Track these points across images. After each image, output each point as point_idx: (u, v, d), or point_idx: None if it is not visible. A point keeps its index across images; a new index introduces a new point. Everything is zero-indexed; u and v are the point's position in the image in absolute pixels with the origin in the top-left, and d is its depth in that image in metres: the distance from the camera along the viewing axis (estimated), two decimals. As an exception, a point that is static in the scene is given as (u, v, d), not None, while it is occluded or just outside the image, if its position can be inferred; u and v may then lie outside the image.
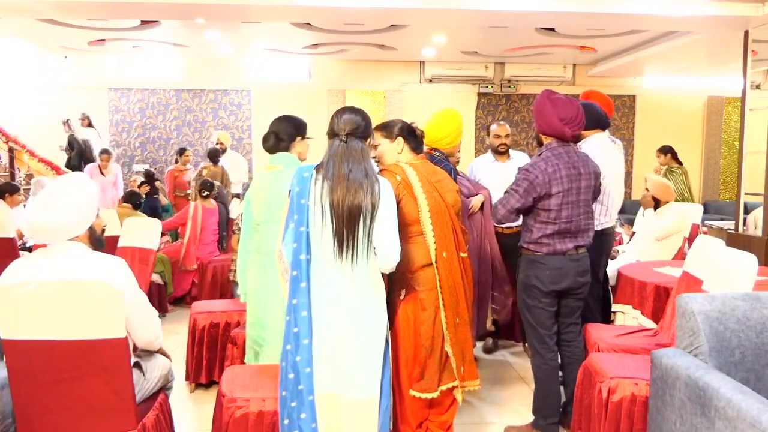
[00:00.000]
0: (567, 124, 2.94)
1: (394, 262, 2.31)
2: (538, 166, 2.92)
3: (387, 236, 2.28)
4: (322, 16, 6.29)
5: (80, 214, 2.25)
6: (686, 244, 4.75)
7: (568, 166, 2.93)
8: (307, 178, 2.29)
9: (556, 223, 2.93)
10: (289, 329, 2.27)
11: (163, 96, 9.91)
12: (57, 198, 2.20)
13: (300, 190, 2.28)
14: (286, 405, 2.26)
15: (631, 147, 10.48)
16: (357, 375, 2.28)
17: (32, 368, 2.10)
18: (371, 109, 10.10)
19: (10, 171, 8.19)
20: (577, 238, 2.98)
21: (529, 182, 2.91)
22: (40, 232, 2.21)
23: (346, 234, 2.24)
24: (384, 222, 2.28)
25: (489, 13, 5.56)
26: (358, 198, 2.23)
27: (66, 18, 6.87)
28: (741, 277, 2.66)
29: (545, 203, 2.93)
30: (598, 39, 7.99)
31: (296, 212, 2.27)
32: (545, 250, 2.96)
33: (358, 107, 2.48)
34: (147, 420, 2.28)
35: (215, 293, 5.52)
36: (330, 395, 2.27)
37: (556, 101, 2.97)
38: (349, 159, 2.28)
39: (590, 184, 3.01)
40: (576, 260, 2.99)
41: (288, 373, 2.26)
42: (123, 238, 4.60)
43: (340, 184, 2.24)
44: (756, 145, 5.88)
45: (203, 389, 3.76)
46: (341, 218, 2.23)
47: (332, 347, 2.27)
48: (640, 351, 3.00)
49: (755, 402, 1.81)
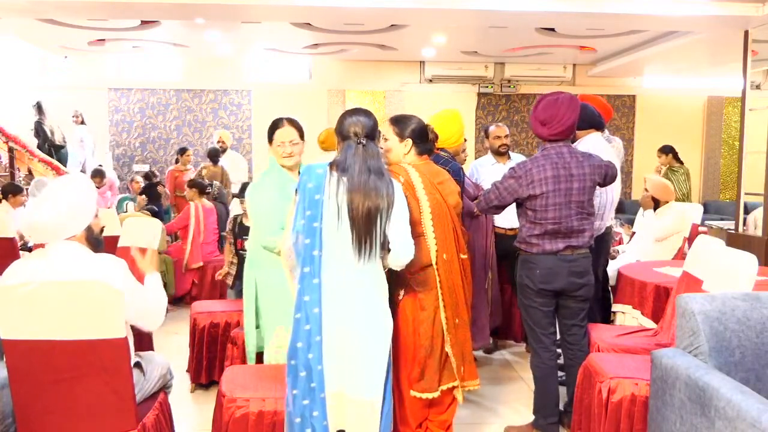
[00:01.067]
0: (545, 125, 2.97)
1: (407, 260, 2.33)
2: (523, 167, 2.95)
3: (402, 234, 2.31)
4: (322, 16, 6.29)
5: (76, 213, 2.25)
6: (686, 244, 4.75)
7: (558, 167, 2.91)
8: (321, 175, 2.28)
9: (542, 224, 2.93)
10: (299, 326, 2.25)
11: (163, 96, 9.91)
12: (54, 197, 2.22)
13: (315, 186, 2.27)
14: (298, 403, 2.24)
15: (631, 147, 10.48)
16: (363, 375, 2.28)
17: (32, 368, 2.10)
18: (371, 109, 10.03)
19: (10, 171, 8.19)
20: (569, 238, 2.96)
21: (512, 181, 2.95)
22: (36, 231, 2.23)
23: (365, 235, 2.24)
24: (399, 221, 2.30)
25: (489, 13, 5.56)
26: (377, 202, 2.24)
27: (66, 18, 6.87)
28: (741, 277, 2.66)
29: (532, 203, 2.93)
30: (598, 39, 7.99)
31: (309, 207, 2.26)
32: (535, 250, 2.98)
33: (365, 108, 2.48)
34: (147, 420, 2.28)
35: (215, 293, 5.53)
36: (338, 394, 2.26)
37: (539, 103, 3.02)
38: (368, 162, 2.28)
39: (585, 185, 2.95)
40: (569, 261, 2.96)
41: (299, 371, 2.24)
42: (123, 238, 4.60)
43: (360, 187, 2.24)
44: (756, 145, 5.89)
45: (203, 389, 3.76)
46: (359, 220, 2.23)
47: (341, 345, 2.26)
48: (640, 351, 3.00)
49: (755, 402, 1.81)
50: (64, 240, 2.24)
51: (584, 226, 2.99)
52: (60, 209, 2.20)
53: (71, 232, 2.24)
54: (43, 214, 2.19)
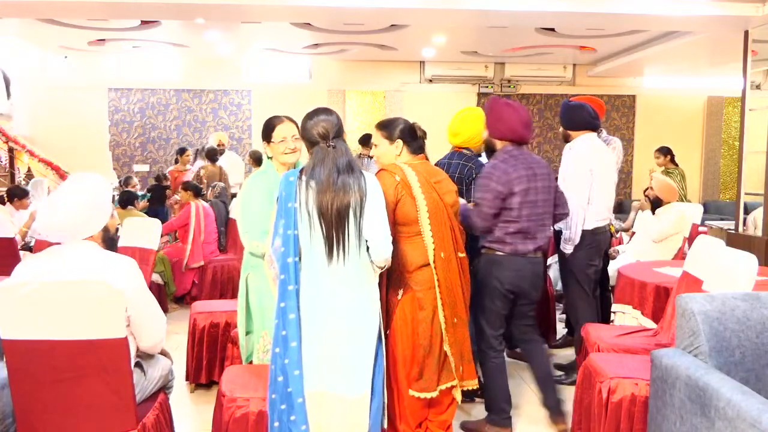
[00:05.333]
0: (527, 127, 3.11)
1: (387, 254, 2.32)
2: (498, 167, 3.01)
3: (377, 228, 2.30)
4: (322, 16, 6.29)
5: (94, 213, 2.25)
6: (686, 244, 4.75)
7: (525, 167, 3.02)
8: (293, 183, 2.30)
9: (518, 221, 3.00)
10: (277, 332, 2.28)
11: (163, 96, 9.91)
12: (73, 197, 2.21)
13: (287, 194, 2.29)
14: (276, 408, 2.27)
15: (631, 147, 10.48)
16: (347, 373, 2.29)
17: (32, 368, 2.10)
18: (371, 109, 10.11)
19: (10, 171, 8.18)
20: (536, 239, 3.05)
21: (493, 184, 2.98)
22: (53, 230, 2.21)
23: (336, 233, 2.25)
24: (373, 215, 2.30)
25: (489, 13, 5.56)
26: (347, 198, 2.25)
27: (66, 18, 6.87)
28: (741, 277, 2.66)
29: (508, 202, 2.99)
30: (598, 39, 7.99)
31: (284, 216, 2.28)
32: (507, 250, 3.02)
33: (325, 106, 2.48)
34: (147, 420, 2.28)
35: (215, 293, 5.52)
36: (319, 394, 2.27)
37: (511, 105, 3.14)
38: (337, 161, 2.29)
39: (547, 184, 3.09)
40: (534, 263, 3.08)
41: (277, 376, 2.27)
42: (123, 238, 4.60)
43: (328, 188, 2.25)
44: (756, 145, 5.88)
45: (203, 389, 3.76)
46: (330, 220, 2.24)
47: (323, 348, 2.28)
48: (640, 351, 3.00)
49: (755, 402, 1.81)
50: (82, 240, 2.23)
51: (546, 225, 3.13)
52: (80, 209, 2.20)
53: (90, 233, 2.25)
54: (61, 214, 2.18)
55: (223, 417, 2.42)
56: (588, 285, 3.69)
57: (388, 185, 2.62)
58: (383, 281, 2.58)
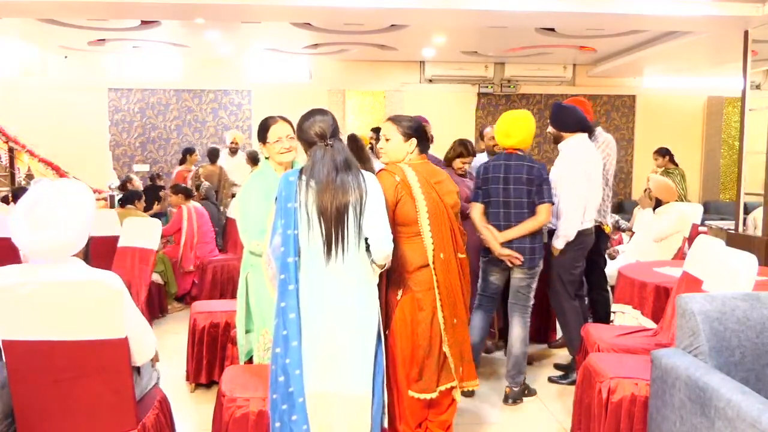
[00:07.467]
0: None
1: (388, 251, 2.32)
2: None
3: (378, 225, 2.31)
4: (322, 16, 6.29)
5: (86, 228, 2.15)
6: (686, 244, 4.75)
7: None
8: (293, 183, 2.30)
9: None
10: (278, 332, 2.28)
11: (163, 96, 9.91)
12: (60, 212, 2.04)
13: (286, 194, 2.29)
14: (277, 408, 2.27)
15: (631, 147, 10.49)
16: (348, 372, 2.30)
17: (32, 368, 2.10)
18: (371, 109, 10.11)
19: (10, 171, 8.17)
20: None
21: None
22: (41, 252, 2.04)
23: (335, 232, 2.26)
24: (374, 213, 2.31)
25: (489, 13, 5.56)
26: (347, 197, 2.27)
27: (66, 18, 6.87)
28: (741, 277, 2.66)
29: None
30: (598, 39, 7.99)
31: (283, 216, 2.29)
32: None
33: (319, 107, 2.48)
34: (147, 420, 2.28)
35: (215, 293, 5.51)
36: (321, 394, 2.27)
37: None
38: (336, 160, 2.30)
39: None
40: None
41: (278, 376, 2.27)
42: (123, 238, 4.60)
43: (328, 188, 2.26)
44: (756, 145, 5.89)
45: (203, 389, 3.76)
46: (329, 219, 2.26)
47: (323, 347, 2.28)
48: (640, 351, 3.00)
49: (755, 402, 1.81)
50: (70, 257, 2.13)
51: None
52: (72, 226, 2.05)
53: (77, 249, 2.15)
54: (50, 232, 2.01)
55: (223, 417, 2.42)
56: (572, 286, 3.74)
57: (387, 185, 2.61)
58: (383, 281, 2.58)
